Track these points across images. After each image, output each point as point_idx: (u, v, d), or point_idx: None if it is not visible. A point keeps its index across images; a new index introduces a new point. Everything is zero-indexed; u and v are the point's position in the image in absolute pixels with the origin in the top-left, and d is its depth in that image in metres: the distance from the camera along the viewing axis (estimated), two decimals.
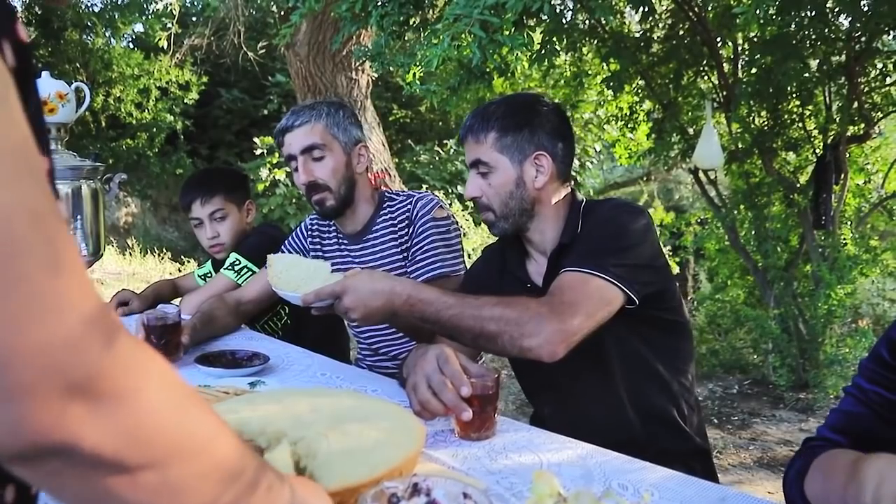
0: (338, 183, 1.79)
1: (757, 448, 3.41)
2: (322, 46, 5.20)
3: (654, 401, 1.44)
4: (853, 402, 0.98)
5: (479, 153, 1.45)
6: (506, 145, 1.44)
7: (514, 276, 1.54)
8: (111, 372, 0.44)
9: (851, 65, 3.59)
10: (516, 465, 1.07)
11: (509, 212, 1.46)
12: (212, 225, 2.22)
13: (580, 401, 1.46)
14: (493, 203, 1.46)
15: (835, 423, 0.99)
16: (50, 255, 0.42)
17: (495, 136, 1.44)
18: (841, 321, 4.03)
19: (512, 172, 1.44)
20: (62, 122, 1.95)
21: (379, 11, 2.62)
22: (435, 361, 1.16)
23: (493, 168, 1.45)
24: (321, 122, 1.77)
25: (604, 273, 1.29)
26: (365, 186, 1.86)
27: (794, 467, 0.98)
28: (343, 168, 1.80)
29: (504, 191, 1.45)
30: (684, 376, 1.49)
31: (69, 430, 0.42)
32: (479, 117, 1.47)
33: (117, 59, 10.11)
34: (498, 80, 3.67)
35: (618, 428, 1.42)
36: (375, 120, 5.89)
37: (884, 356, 0.94)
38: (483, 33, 2.16)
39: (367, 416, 1.08)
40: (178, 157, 10.92)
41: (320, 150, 1.77)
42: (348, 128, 1.81)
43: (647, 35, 4.06)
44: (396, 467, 0.93)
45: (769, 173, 4.03)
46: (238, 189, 2.29)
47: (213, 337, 1.81)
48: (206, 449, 0.51)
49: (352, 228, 1.89)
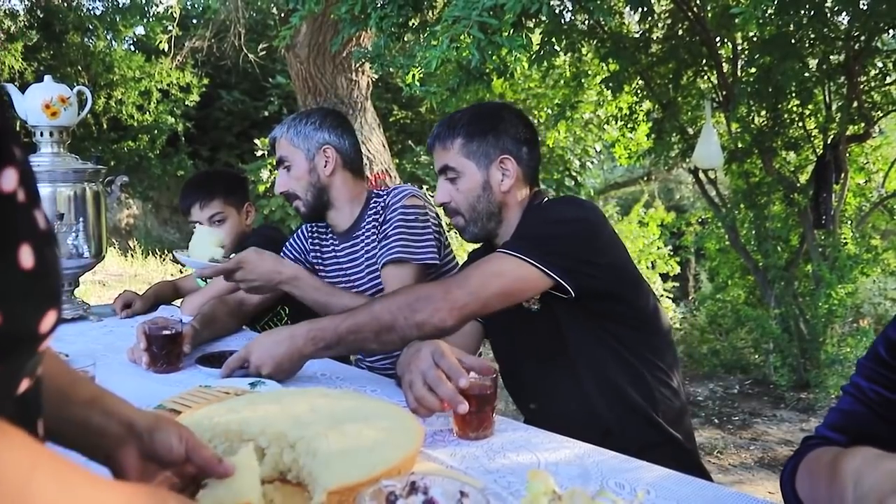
0: (304, 189, 1.85)
1: (758, 448, 3.42)
2: (322, 48, 5.21)
3: (625, 393, 1.43)
4: (852, 400, 0.98)
5: (446, 159, 1.51)
6: (472, 150, 1.49)
7: None
8: None
9: (851, 64, 3.59)
10: (514, 465, 1.08)
11: (477, 216, 1.51)
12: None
13: (553, 397, 1.48)
14: (461, 207, 1.52)
15: (833, 423, 0.99)
16: None
17: (461, 141, 1.49)
18: (842, 321, 4.03)
19: (479, 176, 1.49)
20: (64, 126, 1.96)
21: (378, 13, 2.63)
22: (430, 357, 1.16)
23: (461, 173, 1.50)
24: (284, 135, 1.86)
25: (522, 254, 1.34)
26: (344, 185, 1.87)
27: (788, 466, 0.98)
28: (307, 175, 1.85)
29: (472, 195, 1.50)
30: (659, 369, 1.48)
31: None
32: (445, 125, 1.53)
33: (118, 61, 10.15)
34: (497, 81, 3.69)
35: (592, 422, 1.42)
36: (376, 121, 5.90)
37: (881, 355, 0.94)
38: (482, 35, 2.17)
39: (366, 416, 1.09)
40: (179, 159, 10.95)
41: (287, 162, 1.86)
42: (311, 134, 1.85)
43: (646, 35, 4.06)
44: (395, 467, 0.94)
45: (769, 173, 4.03)
46: (237, 191, 2.29)
47: (215, 338, 1.82)
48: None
49: (342, 227, 1.93)
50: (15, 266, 0.50)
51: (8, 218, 0.50)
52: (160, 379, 1.50)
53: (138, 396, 1.25)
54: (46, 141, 1.98)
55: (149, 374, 1.53)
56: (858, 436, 0.96)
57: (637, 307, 1.46)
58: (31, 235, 0.52)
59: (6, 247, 0.50)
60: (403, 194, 1.84)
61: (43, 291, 0.53)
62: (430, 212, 1.86)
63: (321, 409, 1.09)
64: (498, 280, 1.33)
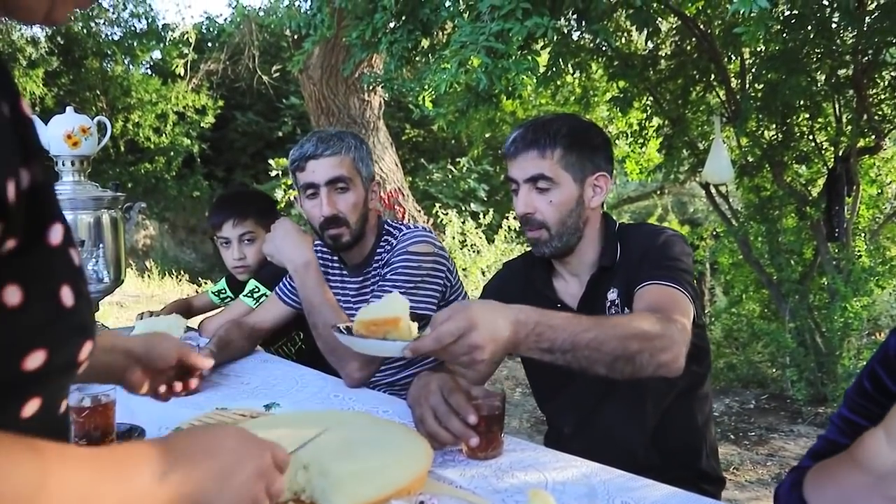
0: (356, 218, 1.75)
1: (775, 464, 3.39)
2: (334, 70, 5.29)
3: (675, 429, 1.45)
4: (836, 431, 0.98)
5: (541, 168, 1.41)
6: (570, 163, 1.42)
7: (540, 295, 1.51)
8: None
9: (859, 77, 3.59)
10: (522, 484, 1.09)
11: (565, 230, 1.43)
12: (240, 246, 2.27)
13: (603, 423, 1.46)
14: (549, 220, 1.43)
15: (818, 450, 0.99)
16: None
17: (561, 152, 1.41)
18: (858, 334, 3.99)
19: (574, 190, 1.42)
20: (85, 155, 2.02)
21: (388, 38, 2.69)
22: (439, 393, 1.18)
23: (557, 184, 1.41)
24: (350, 154, 1.73)
25: (683, 289, 1.31)
26: (372, 218, 1.85)
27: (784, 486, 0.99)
28: (362, 204, 1.77)
29: (565, 208, 1.42)
30: (702, 398, 1.51)
31: None
32: (542, 131, 1.42)
33: (136, 85, 10.34)
34: (507, 101, 3.73)
35: (636, 453, 1.43)
36: (388, 140, 5.97)
37: (865, 386, 0.94)
38: (488, 59, 2.21)
39: (378, 437, 1.12)
40: (194, 180, 11.10)
41: (345, 184, 1.72)
42: (369, 163, 1.79)
43: (654, 53, 4.09)
44: (405, 487, 0.97)
45: (780, 186, 4.02)
46: (269, 214, 2.30)
47: (229, 360, 1.85)
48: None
49: (356, 261, 1.87)
50: (60, 307, 0.56)
51: (55, 266, 0.56)
52: (178, 400, 1.54)
53: (157, 417, 1.29)
54: (68, 170, 2.04)
55: None
56: None
57: (699, 330, 1.45)
58: (70, 276, 0.58)
59: (52, 291, 0.55)
60: (412, 239, 1.75)
61: (81, 324, 0.59)
62: (438, 257, 1.76)
63: (334, 430, 1.12)
64: (689, 324, 1.27)
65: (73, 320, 0.57)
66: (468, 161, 9.55)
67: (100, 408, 1.18)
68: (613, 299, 1.42)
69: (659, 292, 1.30)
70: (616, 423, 1.45)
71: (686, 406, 1.48)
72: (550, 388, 1.58)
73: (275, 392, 1.61)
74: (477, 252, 6.97)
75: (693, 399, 1.49)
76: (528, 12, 2.20)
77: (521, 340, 1.08)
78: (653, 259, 1.37)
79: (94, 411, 1.18)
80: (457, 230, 7.01)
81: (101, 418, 1.19)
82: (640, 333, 1.15)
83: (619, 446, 1.39)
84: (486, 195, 9.49)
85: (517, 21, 2.20)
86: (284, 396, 1.55)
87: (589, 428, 1.49)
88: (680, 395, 1.46)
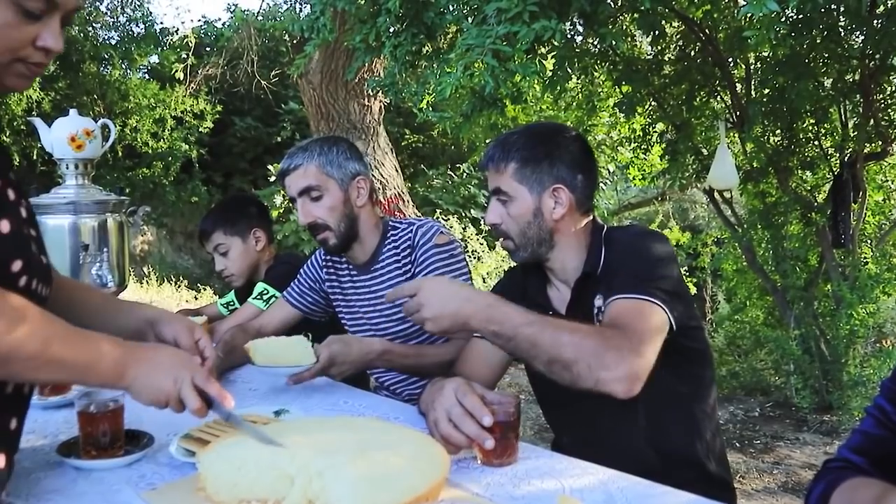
0: (337, 221, 1.80)
1: (781, 472, 3.36)
2: (335, 74, 5.27)
3: (675, 437, 1.42)
4: (874, 423, 0.96)
5: (498, 182, 1.47)
6: (525, 176, 1.44)
7: (535, 303, 1.52)
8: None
9: (866, 82, 3.58)
10: (539, 491, 1.07)
11: (527, 241, 1.46)
12: (219, 259, 2.33)
13: (599, 431, 1.45)
14: (511, 232, 1.47)
15: (855, 445, 0.97)
16: None
17: (515, 166, 1.45)
18: (864, 341, 3.97)
19: (530, 203, 1.45)
20: (89, 158, 2.00)
21: (392, 42, 2.67)
22: (453, 395, 1.16)
23: (512, 197, 1.45)
24: (313, 162, 1.79)
25: (655, 298, 1.29)
26: (369, 217, 1.87)
27: (816, 492, 0.96)
28: (341, 205, 1.80)
29: (522, 220, 1.45)
30: (707, 403, 1.48)
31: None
32: (499, 147, 1.47)
33: (133, 90, 10.31)
34: (511, 106, 3.71)
35: (634, 460, 1.40)
36: (388, 145, 5.94)
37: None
38: (495, 62, 2.20)
39: (392, 443, 1.09)
40: (193, 185, 11.06)
41: (317, 191, 1.79)
42: (343, 163, 1.81)
43: (658, 57, 4.08)
44: (422, 494, 0.94)
45: (785, 192, 4.01)
46: (237, 222, 2.32)
47: (235, 366, 1.82)
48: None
49: (360, 259, 1.90)
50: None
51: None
52: None
53: (165, 424, 1.26)
54: (71, 173, 2.02)
55: None
56: (880, 460, 0.94)
57: (696, 333, 1.46)
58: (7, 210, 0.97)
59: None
60: (433, 231, 1.82)
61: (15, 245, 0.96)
62: (457, 243, 1.87)
63: (347, 436, 1.09)
64: (659, 336, 1.26)
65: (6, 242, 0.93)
66: (468, 167, 9.54)
67: (108, 413, 1.17)
68: (599, 305, 1.41)
69: (625, 307, 1.30)
70: (609, 432, 1.43)
71: (689, 410, 1.45)
72: (549, 397, 1.58)
73: (284, 398, 1.59)
74: (477, 258, 6.95)
75: (696, 403, 1.46)
76: (536, 15, 2.19)
77: (471, 315, 1.24)
78: (627, 268, 1.37)
79: (102, 417, 1.16)
80: (457, 236, 6.98)
81: (110, 424, 1.17)
82: (579, 343, 1.19)
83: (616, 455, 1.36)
84: (487, 201, 9.46)
85: (524, 24, 2.19)
86: (294, 402, 1.52)
87: (585, 437, 1.48)
88: (682, 398, 1.44)
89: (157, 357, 1.07)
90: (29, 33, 0.93)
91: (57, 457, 1.17)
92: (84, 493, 1.08)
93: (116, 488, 1.09)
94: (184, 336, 1.22)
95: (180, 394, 1.05)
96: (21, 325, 0.89)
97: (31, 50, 0.94)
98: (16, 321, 0.89)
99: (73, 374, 1.00)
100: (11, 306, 0.90)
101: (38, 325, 0.92)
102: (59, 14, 0.95)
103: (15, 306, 0.90)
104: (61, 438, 1.25)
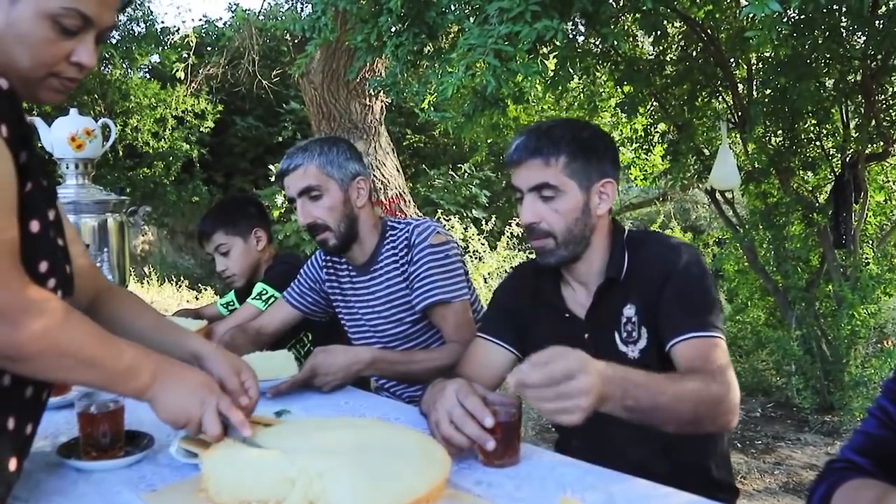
0: (337, 221, 1.80)
1: (782, 472, 3.35)
2: (336, 74, 5.26)
3: (690, 445, 1.41)
4: (876, 423, 0.96)
5: (545, 176, 1.38)
6: (575, 170, 1.38)
7: (549, 304, 1.49)
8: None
9: (868, 83, 3.57)
10: (540, 492, 1.07)
11: (571, 238, 1.40)
12: (219, 259, 2.32)
13: (611, 438, 1.42)
14: (555, 229, 1.40)
15: (858, 445, 0.97)
16: None
17: (565, 160, 1.38)
18: (865, 342, 3.97)
19: (580, 198, 1.39)
20: (89, 158, 1.99)
21: (393, 41, 2.67)
22: (454, 396, 1.16)
23: (562, 192, 1.38)
24: (314, 162, 1.78)
25: (718, 333, 1.32)
26: (368, 218, 1.86)
27: (818, 493, 0.96)
28: (341, 206, 1.80)
29: (570, 217, 1.39)
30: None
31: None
32: (546, 138, 1.39)
33: (134, 89, 10.29)
34: (512, 106, 3.71)
35: (645, 462, 1.39)
36: (389, 145, 5.93)
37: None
38: (497, 62, 2.19)
39: (393, 444, 1.09)
40: (194, 185, 11.05)
41: (316, 191, 1.78)
42: (343, 164, 1.80)
43: (660, 57, 4.08)
44: (422, 495, 0.94)
45: (787, 193, 4.00)
46: (237, 222, 2.32)
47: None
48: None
49: (360, 260, 1.90)
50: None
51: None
52: None
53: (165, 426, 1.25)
54: (72, 173, 2.02)
55: None
56: (882, 460, 0.94)
57: None
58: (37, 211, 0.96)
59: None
60: (428, 231, 1.81)
61: (43, 247, 0.96)
62: (454, 243, 1.86)
63: (348, 438, 1.09)
64: (731, 369, 1.30)
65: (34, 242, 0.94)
66: (470, 167, 9.54)
67: (108, 414, 1.17)
68: (630, 316, 1.39)
69: (699, 347, 1.30)
70: (623, 435, 1.41)
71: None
72: None
73: (285, 399, 1.58)
74: (479, 259, 6.94)
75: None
76: (538, 15, 2.18)
77: (609, 395, 1.05)
78: (682, 297, 1.35)
79: (102, 418, 1.16)
80: (458, 237, 6.97)
81: (110, 425, 1.17)
82: (709, 400, 1.21)
83: (628, 457, 1.36)
84: (488, 201, 9.47)
85: (526, 24, 2.18)
86: (295, 403, 1.52)
87: (596, 440, 1.45)
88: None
89: (186, 376, 1.07)
90: (64, 49, 0.95)
91: (57, 458, 1.17)
92: (84, 495, 1.08)
93: (117, 489, 1.09)
94: (231, 379, 1.17)
95: (203, 418, 1.04)
96: (63, 324, 0.91)
97: (66, 65, 0.97)
98: (57, 319, 0.90)
99: (105, 378, 0.98)
100: (53, 305, 0.91)
101: (77, 325, 0.93)
102: (94, 31, 0.98)
103: (56, 307, 0.91)
104: (62, 439, 1.25)
